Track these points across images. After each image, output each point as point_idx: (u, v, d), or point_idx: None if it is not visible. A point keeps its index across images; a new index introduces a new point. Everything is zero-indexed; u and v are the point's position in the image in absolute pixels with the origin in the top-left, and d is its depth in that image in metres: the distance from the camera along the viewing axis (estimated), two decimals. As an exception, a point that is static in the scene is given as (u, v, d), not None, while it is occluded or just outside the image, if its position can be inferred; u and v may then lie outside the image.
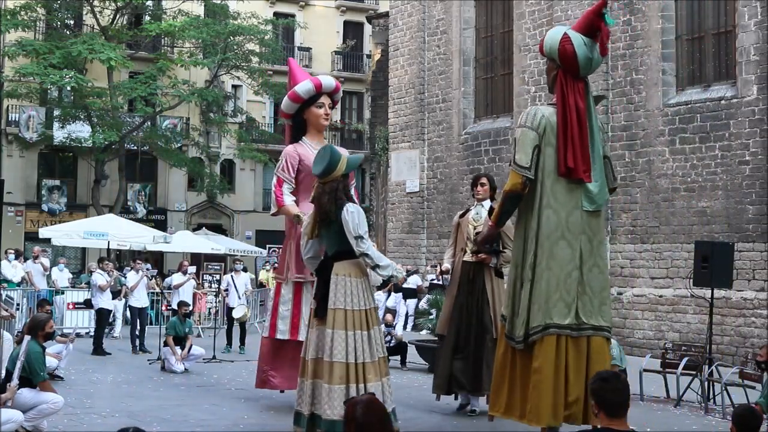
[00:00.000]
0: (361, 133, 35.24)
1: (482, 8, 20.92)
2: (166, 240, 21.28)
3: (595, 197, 7.04)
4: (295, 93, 8.77)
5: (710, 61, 16.29)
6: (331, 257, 6.82)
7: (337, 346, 6.60)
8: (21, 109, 29.14)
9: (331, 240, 6.80)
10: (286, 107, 8.98)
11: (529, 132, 6.93)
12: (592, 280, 6.92)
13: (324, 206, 6.75)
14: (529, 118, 7.01)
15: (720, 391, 9.82)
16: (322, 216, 6.79)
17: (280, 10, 34.42)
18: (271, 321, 8.77)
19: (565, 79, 7.03)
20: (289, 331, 8.53)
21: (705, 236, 14.89)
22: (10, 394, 7.00)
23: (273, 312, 8.77)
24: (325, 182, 6.80)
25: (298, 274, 8.54)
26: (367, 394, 3.63)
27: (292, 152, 8.79)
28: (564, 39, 6.98)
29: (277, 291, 8.82)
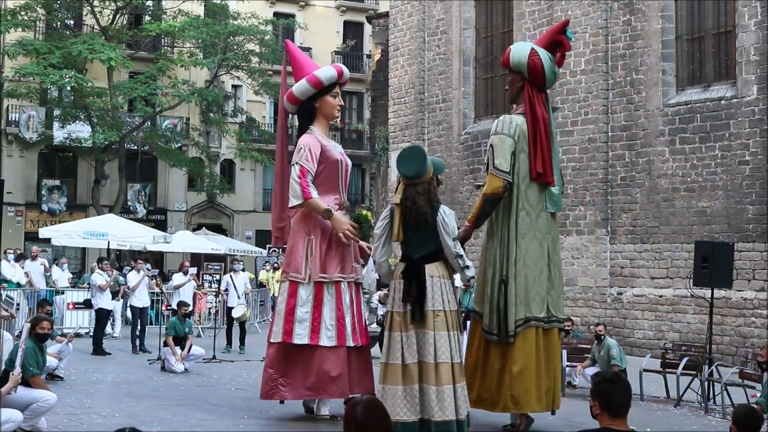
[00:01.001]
0: (361, 133, 35.24)
1: (482, 8, 20.92)
2: (166, 240, 21.29)
3: (557, 200, 7.84)
4: (317, 78, 8.19)
5: (710, 61, 16.29)
6: (420, 259, 6.74)
7: (441, 347, 6.61)
8: (21, 109, 29.13)
9: (421, 242, 6.74)
10: (301, 92, 8.26)
11: (507, 138, 7.51)
12: (556, 275, 7.72)
13: (421, 208, 6.72)
14: (505, 125, 7.57)
15: (720, 391, 9.82)
16: (416, 218, 6.70)
17: (280, 10, 34.42)
18: (286, 326, 7.86)
19: (531, 91, 7.66)
20: (309, 335, 7.80)
21: (705, 236, 14.89)
22: (12, 383, 7.02)
23: (287, 315, 7.88)
24: (415, 184, 6.75)
25: (323, 274, 7.94)
26: (368, 394, 3.63)
27: (315, 141, 8.13)
28: (533, 53, 7.65)
29: (293, 292, 7.94)
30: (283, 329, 7.88)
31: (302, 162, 7.98)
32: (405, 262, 6.83)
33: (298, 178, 7.93)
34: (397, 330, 6.71)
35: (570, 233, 17.74)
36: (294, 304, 7.88)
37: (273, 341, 7.99)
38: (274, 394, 7.92)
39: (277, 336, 7.95)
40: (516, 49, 7.85)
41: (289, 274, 8.05)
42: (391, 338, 6.73)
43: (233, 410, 8.72)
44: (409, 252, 6.79)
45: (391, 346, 6.69)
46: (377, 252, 6.86)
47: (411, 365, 6.57)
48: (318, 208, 7.96)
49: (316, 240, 8.00)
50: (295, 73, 8.49)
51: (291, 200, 8.01)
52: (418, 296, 6.64)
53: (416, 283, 6.69)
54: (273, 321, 8.23)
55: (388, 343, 6.76)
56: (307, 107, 8.33)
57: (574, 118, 17.82)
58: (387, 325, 6.87)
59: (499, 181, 7.43)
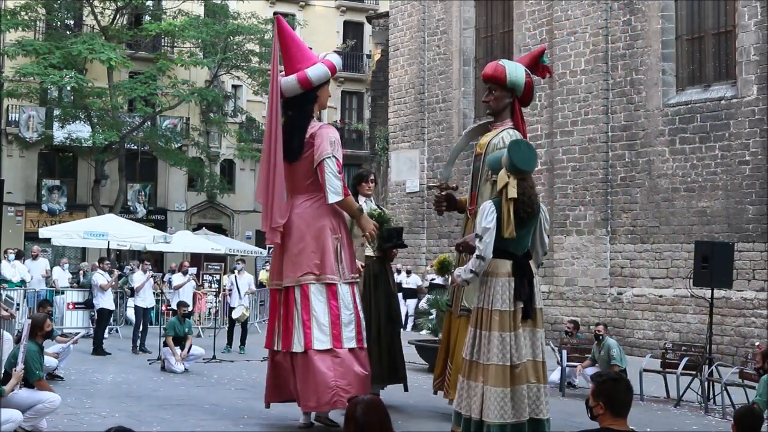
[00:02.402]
0: (361, 133, 35.23)
1: (482, 8, 20.93)
2: (166, 240, 21.28)
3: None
4: (334, 65, 7.93)
5: (710, 61, 16.29)
6: (524, 256, 6.66)
7: (541, 345, 6.64)
8: (21, 109, 29.13)
9: (526, 238, 6.67)
10: (318, 77, 7.83)
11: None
12: None
13: (534, 203, 6.63)
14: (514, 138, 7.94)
15: (720, 391, 9.82)
16: (530, 213, 6.58)
17: (280, 10, 34.36)
18: (334, 331, 7.53)
19: (519, 108, 8.30)
20: (356, 337, 7.64)
21: (705, 236, 14.89)
22: (15, 380, 7.02)
23: (333, 320, 7.55)
24: (525, 178, 6.64)
25: (354, 274, 7.84)
26: (369, 394, 3.62)
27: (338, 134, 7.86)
28: (527, 74, 8.24)
29: (333, 294, 7.61)
30: (331, 334, 7.50)
31: (337, 155, 7.62)
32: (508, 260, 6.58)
33: (338, 173, 7.57)
34: (502, 330, 6.46)
35: (570, 233, 17.74)
36: (338, 306, 7.59)
37: (318, 348, 7.47)
38: (336, 402, 7.46)
39: (323, 343, 7.48)
40: (512, 69, 8.27)
41: (325, 275, 7.60)
42: (493, 338, 6.45)
43: (233, 410, 8.72)
44: (510, 248, 6.58)
45: (497, 347, 6.42)
46: (488, 249, 6.48)
47: (521, 365, 6.42)
48: (352, 207, 7.80)
49: (344, 239, 7.81)
50: (294, 53, 7.91)
51: (330, 196, 7.54)
52: (528, 294, 6.54)
53: (527, 281, 6.57)
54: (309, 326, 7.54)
55: (489, 344, 6.47)
56: (311, 95, 7.87)
57: (574, 118, 17.81)
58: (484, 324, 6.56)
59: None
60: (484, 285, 6.65)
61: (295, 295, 7.63)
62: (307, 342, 7.50)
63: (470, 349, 6.64)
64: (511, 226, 6.44)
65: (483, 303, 6.62)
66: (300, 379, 7.57)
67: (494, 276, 6.58)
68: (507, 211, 6.48)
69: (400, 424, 7.85)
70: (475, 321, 6.68)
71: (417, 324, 16.64)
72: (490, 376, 6.40)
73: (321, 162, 7.56)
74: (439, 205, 8.94)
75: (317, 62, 7.86)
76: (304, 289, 7.59)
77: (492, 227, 6.47)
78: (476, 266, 6.52)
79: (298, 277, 7.61)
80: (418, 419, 8.62)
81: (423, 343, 13.66)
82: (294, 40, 8.04)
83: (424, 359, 13.39)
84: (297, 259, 7.66)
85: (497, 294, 6.55)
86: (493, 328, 6.49)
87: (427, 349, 13.44)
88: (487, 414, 6.31)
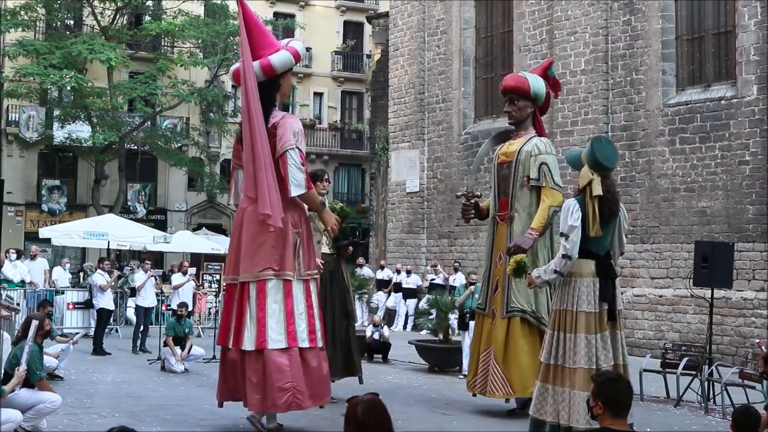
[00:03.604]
0: (361, 133, 35.24)
1: (482, 8, 20.92)
2: (166, 240, 21.29)
3: None
4: (297, 52, 7.65)
5: (710, 61, 16.29)
6: (606, 255, 6.53)
7: (622, 348, 6.54)
8: (21, 109, 29.13)
9: (608, 237, 6.52)
10: (283, 65, 7.54)
11: (554, 158, 8.88)
12: None
13: (618, 201, 6.54)
14: (549, 147, 8.94)
15: (720, 391, 9.82)
16: (614, 211, 6.47)
17: (280, 10, 34.41)
18: (289, 328, 7.26)
19: (539, 117, 9.10)
20: (308, 337, 7.38)
21: (705, 236, 14.88)
22: (16, 380, 7.02)
23: (288, 318, 7.30)
24: (608, 176, 6.54)
25: (311, 270, 7.60)
26: (369, 394, 3.62)
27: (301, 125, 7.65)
28: (545, 85, 9.04)
29: (288, 291, 7.36)
30: (286, 333, 7.25)
31: (301, 146, 7.35)
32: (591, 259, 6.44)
33: (301, 165, 7.30)
34: (587, 332, 6.32)
35: (570, 233, 17.72)
36: (292, 304, 7.35)
37: (275, 347, 7.22)
38: (291, 404, 7.29)
39: (279, 342, 7.23)
40: (534, 81, 8.99)
41: (284, 272, 7.35)
42: (579, 340, 6.31)
43: (233, 410, 8.72)
44: (592, 248, 6.43)
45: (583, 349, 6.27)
46: (575, 248, 6.34)
47: (606, 369, 6.25)
48: (315, 200, 7.60)
49: (304, 234, 7.56)
50: (257, 39, 7.59)
51: (293, 189, 7.27)
52: (613, 295, 6.42)
53: (611, 281, 6.45)
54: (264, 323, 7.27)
55: (575, 347, 6.32)
56: (274, 83, 7.60)
57: (574, 118, 17.81)
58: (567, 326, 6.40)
59: (560, 195, 8.65)
60: (567, 286, 6.48)
61: (250, 291, 7.31)
62: (261, 341, 7.21)
63: (552, 353, 6.45)
64: (597, 224, 6.31)
65: (566, 304, 6.45)
66: (251, 378, 7.24)
67: (578, 276, 6.42)
68: (592, 209, 6.35)
69: (399, 424, 7.84)
70: (555, 323, 6.51)
71: (417, 324, 16.65)
72: (578, 380, 6.23)
73: (283, 153, 7.28)
74: (467, 213, 9.47)
75: (280, 49, 7.61)
76: (261, 285, 7.29)
77: (578, 225, 6.33)
78: (561, 266, 6.36)
79: (256, 273, 7.30)
80: (418, 419, 8.62)
81: (423, 343, 13.66)
82: (257, 26, 7.76)
83: (424, 359, 13.40)
84: (256, 253, 7.34)
85: (582, 295, 6.39)
86: (578, 330, 6.33)
87: (427, 349, 13.45)
88: (577, 419, 6.11)
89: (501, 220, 9.05)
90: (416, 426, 8.15)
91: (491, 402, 9.62)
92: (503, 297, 8.72)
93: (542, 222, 8.49)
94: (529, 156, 8.79)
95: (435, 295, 14.33)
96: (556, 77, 9.48)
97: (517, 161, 8.86)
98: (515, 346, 8.56)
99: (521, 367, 8.44)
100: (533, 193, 8.83)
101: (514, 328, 8.58)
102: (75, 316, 16.64)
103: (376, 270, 21.92)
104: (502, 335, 8.61)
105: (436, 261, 20.37)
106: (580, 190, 6.50)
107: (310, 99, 35.49)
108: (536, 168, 8.74)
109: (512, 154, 8.96)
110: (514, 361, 8.52)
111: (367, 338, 14.22)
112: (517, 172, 8.86)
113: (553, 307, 6.65)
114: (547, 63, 9.69)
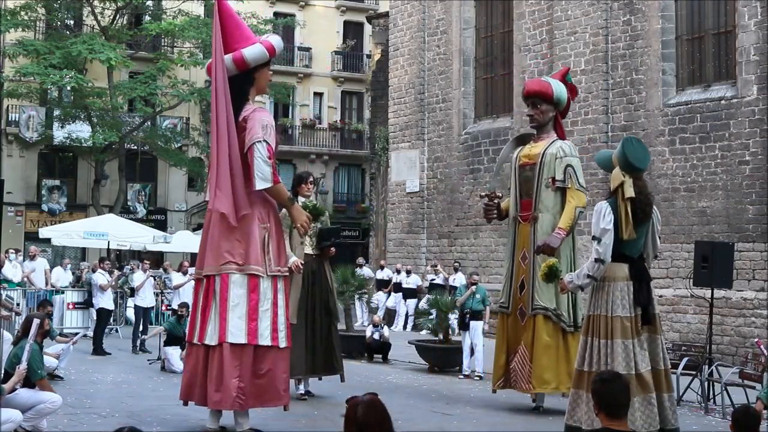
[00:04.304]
0: (361, 133, 35.24)
1: (482, 8, 20.92)
2: (166, 240, 21.30)
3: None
4: (273, 46, 7.50)
5: (710, 61, 16.29)
6: (639, 258, 6.41)
7: (662, 353, 6.44)
8: (21, 109, 29.14)
9: (641, 240, 6.38)
10: (254, 58, 7.42)
11: (579, 160, 9.32)
12: None
13: (651, 203, 6.43)
14: (574, 150, 9.36)
15: (720, 391, 9.82)
16: (648, 214, 6.35)
17: (280, 10, 34.42)
18: (250, 324, 7.06)
19: (560, 120, 9.53)
20: (270, 335, 7.17)
21: (705, 236, 14.88)
22: (17, 378, 7.01)
23: (250, 313, 7.09)
24: (640, 177, 6.42)
25: (281, 267, 7.40)
26: (369, 394, 3.62)
27: (273, 120, 7.45)
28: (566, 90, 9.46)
29: (254, 287, 7.16)
30: (247, 329, 7.05)
31: (269, 139, 7.16)
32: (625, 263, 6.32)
33: (268, 159, 7.11)
34: (624, 337, 6.19)
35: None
36: (257, 300, 7.14)
37: (232, 342, 7.00)
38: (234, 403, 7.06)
39: (238, 337, 7.03)
40: (557, 86, 9.34)
41: (249, 266, 7.15)
42: (617, 346, 6.18)
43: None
44: (626, 251, 6.30)
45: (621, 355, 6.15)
46: (608, 251, 6.20)
47: (645, 373, 6.19)
48: (282, 195, 7.40)
49: (273, 229, 7.37)
50: (232, 32, 7.56)
51: (258, 182, 7.10)
52: (647, 298, 6.31)
53: (645, 284, 6.33)
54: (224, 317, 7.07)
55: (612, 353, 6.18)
56: (247, 77, 7.52)
57: (574, 118, 17.80)
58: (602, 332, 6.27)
59: (584, 196, 9.11)
60: (600, 290, 6.34)
61: (215, 285, 7.20)
62: (222, 334, 7.06)
63: (586, 359, 6.31)
64: (630, 227, 6.19)
65: (600, 309, 6.31)
66: (211, 372, 7.10)
67: (612, 280, 6.29)
68: (625, 212, 6.23)
69: (399, 424, 7.84)
70: (588, 329, 6.38)
71: (417, 324, 16.65)
72: None
73: (251, 146, 7.16)
74: (490, 213, 9.84)
75: (255, 42, 7.51)
76: (224, 279, 7.16)
77: (611, 228, 6.20)
78: (594, 270, 6.24)
79: (219, 266, 7.19)
80: (418, 419, 8.62)
81: (423, 343, 13.66)
82: (233, 19, 7.67)
83: (424, 359, 13.40)
84: (220, 246, 7.23)
85: (617, 299, 6.26)
86: (615, 336, 6.19)
87: (427, 349, 13.45)
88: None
89: (523, 221, 9.35)
90: (416, 426, 8.14)
91: (491, 402, 9.63)
92: (528, 295, 9.07)
93: (569, 222, 8.84)
94: (553, 158, 9.14)
95: (435, 295, 14.33)
96: (573, 83, 9.95)
97: (541, 163, 9.19)
98: (537, 343, 8.90)
99: (541, 363, 8.79)
100: (558, 194, 9.16)
101: (538, 326, 8.93)
102: (75, 316, 16.64)
103: (376, 270, 21.92)
104: (530, 332, 8.97)
105: (436, 261, 20.37)
106: (612, 192, 6.41)
107: (310, 99, 35.49)
108: (561, 170, 9.10)
109: (535, 157, 9.28)
110: (535, 357, 8.87)
111: (367, 338, 14.22)
112: (541, 173, 9.19)
113: (587, 313, 6.52)
114: (564, 70, 10.27)
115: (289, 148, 34.16)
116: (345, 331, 15.05)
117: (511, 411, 9.33)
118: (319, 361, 9.53)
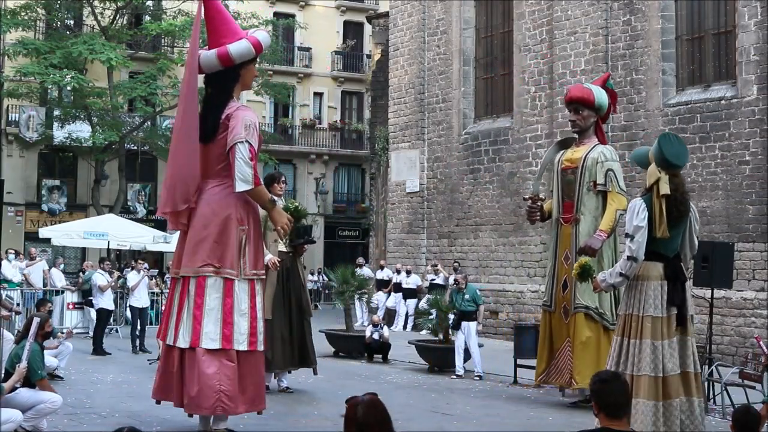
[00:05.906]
0: (361, 133, 35.25)
1: (482, 8, 20.91)
2: (166, 240, 21.29)
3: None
4: (260, 43, 7.33)
5: (710, 61, 16.28)
6: (675, 257, 6.24)
7: (693, 355, 6.25)
8: (21, 109, 29.16)
9: (677, 239, 6.24)
10: (240, 54, 7.21)
11: (620, 165, 9.69)
12: None
13: (688, 201, 6.30)
14: (614, 154, 9.75)
15: (720, 391, 9.82)
16: (684, 212, 6.21)
17: (280, 10, 34.44)
18: (225, 330, 6.94)
19: (601, 126, 9.88)
20: (248, 339, 7.04)
21: (705, 236, 14.86)
22: (17, 377, 7.01)
23: (225, 317, 6.96)
24: (676, 174, 6.28)
25: (255, 270, 7.23)
26: (369, 394, 3.62)
27: (256, 119, 7.26)
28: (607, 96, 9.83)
29: (228, 291, 7.02)
30: (222, 334, 6.93)
31: (252, 140, 6.96)
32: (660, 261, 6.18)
33: (249, 160, 6.91)
34: (654, 338, 6.04)
35: (570, 233, 17.73)
36: (231, 305, 7.01)
37: (207, 347, 6.90)
38: (217, 408, 6.93)
39: (213, 342, 6.92)
40: (598, 92, 9.70)
41: (224, 269, 7.02)
42: (645, 346, 6.04)
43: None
44: (661, 249, 6.16)
45: (648, 356, 6.00)
46: (640, 249, 6.05)
47: (673, 376, 6.02)
48: (264, 197, 7.20)
49: (251, 231, 7.19)
50: (218, 27, 7.37)
51: (238, 184, 6.92)
52: (681, 299, 6.14)
53: (680, 284, 6.17)
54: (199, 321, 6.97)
55: (640, 353, 6.04)
56: (232, 73, 7.32)
57: (574, 118, 17.80)
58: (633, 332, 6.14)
59: (625, 199, 9.24)
60: (634, 289, 6.19)
61: (189, 287, 7.07)
62: (195, 338, 6.95)
63: (616, 359, 6.18)
64: (663, 225, 6.04)
65: (632, 309, 6.16)
66: (184, 376, 7.01)
67: (645, 279, 6.14)
68: (659, 209, 6.10)
69: (399, 424, 7.84)
70: (621, 329, 6.24)
71: (417, 324, 16.65)
72: (641, 388, 5.94)
73: (232, 146, 6.97)
74: (533, 215, 10.23)
75: (242, 38, 7.30)
76: (200, 282, 7.02)
77: (644, 226, 6.07)
78: (627, 268, 6.10)
79: (196, 268, 7.04)
80: (418, 419, 8.62)
81: (423, 343, 13.66)
82: (220, 13, 7.47)
83: (424, 359, 13.40)
84: (197, 248, 7.09)
85: (649, 299, 6.11)
86: (644, 336, 6.05)
87: (427, 349, 13.45)
88: (639, 428, 5.84)
89: (565, 222, 9.79)
90: (416, 426, 8.14)
91: (491, 402, 9.64)
92: (571, 294, 9.53)
93: (610, 224, 9.19)
94: (595, 162, 9.54)
95: (435, 295, 14.33)
96: (613, 89, 10.28)
97: (583, 167, 9.60)
98: (577, 340, 9.37)
99: (582, 359, 9.25)
100: (599, 198, 9.60)
101: (578, 323, 9.36)
102: (75, 316, 16.64)
103: (376, 270, 21.92)
104: (573, 329, 9.43)
105: (436, 261, 20.37)
106: (647, 189, 6.30)
107: (310, 99, 35.51)
108: (603, 174, 9.50)
109: (577, 161, 9.69)
110: (575, 353, 9.34)
111: (366, 338, 14.22)
112: (583, 177, 9.60)
113: (620, 312, 6.39)
114: (605, 76, 10.67)
115: (289, 148, 34.19)
116: (345, 331, 15.09)
117: (511, 411, 9.34)
118: (294, 355, 10.03)
